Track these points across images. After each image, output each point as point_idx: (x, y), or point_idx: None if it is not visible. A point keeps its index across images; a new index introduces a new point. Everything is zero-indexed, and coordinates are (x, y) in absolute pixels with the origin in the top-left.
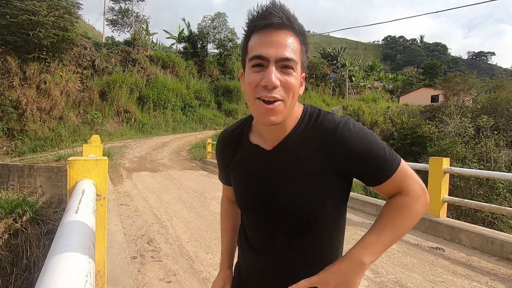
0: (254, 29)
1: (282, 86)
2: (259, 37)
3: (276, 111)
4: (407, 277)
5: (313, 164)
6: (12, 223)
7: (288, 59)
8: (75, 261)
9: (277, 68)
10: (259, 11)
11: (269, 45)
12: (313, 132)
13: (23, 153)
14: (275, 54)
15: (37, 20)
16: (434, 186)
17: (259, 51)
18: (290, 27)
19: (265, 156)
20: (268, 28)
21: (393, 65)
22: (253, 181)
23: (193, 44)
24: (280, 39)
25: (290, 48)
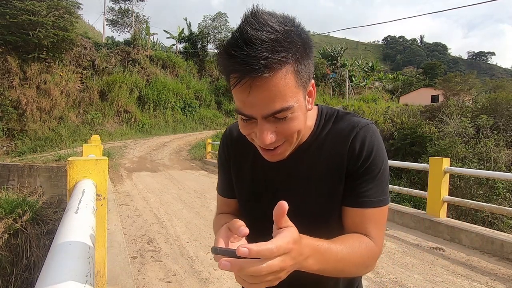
0: (228, 74)
1: (280, 133)
2: (238, 90)
3: (279, 154)
4: (407, 277)
5: (330, 168)
6: (12, 223)
7: (279, 110)
8: (75, 261)
9: (270, 121)
10: (226, 50)
11: (252, 105)
12: (329, 136)
13: (23, 153)
14: (262, 112)
15: (37, 20)
16: (434, 186)
17: (243, 110)
18: (272, 69)
19: (281, 164)
20: (246, 81)
21: (393, 65)
22: (267, 188)
23: (193, 44)
24: (262, 94)
25: (279, 95)
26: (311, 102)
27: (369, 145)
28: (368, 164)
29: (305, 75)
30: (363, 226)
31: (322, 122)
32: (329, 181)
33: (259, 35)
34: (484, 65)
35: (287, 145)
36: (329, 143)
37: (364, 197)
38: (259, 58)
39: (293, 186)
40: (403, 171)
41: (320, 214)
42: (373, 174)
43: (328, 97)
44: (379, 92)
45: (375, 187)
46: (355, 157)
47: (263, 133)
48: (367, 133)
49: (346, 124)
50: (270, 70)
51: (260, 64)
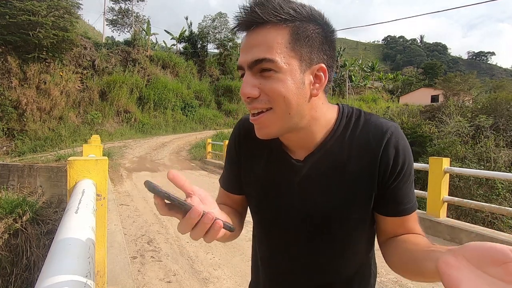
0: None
1: (263, 93)
2: (242, 42)
3: (261, 123)
4: None
5: (353, 175)
6: (12, 223)
7: (259, 59)
8: (75, 261)
9: (255, 74)
10: (236, 12)
11: (244, 51)
12: (353, 138)
13: (23, 153)
14: (247, 59)
15: (36, 20)
16: (434, 186)
17: (238, 60)
18: (269, 21)
19: (296, 167)
20: (246, 32)
21: (393, 65)
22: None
23: (193, 44)
24: (253, 40)
25: (265, 46)
26: (317, 88)
27: (403, 152)
28: (404, 172)
29: (307, 49)
30: (408, 229)
31: (344, 122)
32: (354, 188)
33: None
34: (484, 65)
35: (272, 115)
36: (355, 147)
37: (405, 204)
38: (262, 9)
39: (310, 190)
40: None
41: (331, 219)
42: (409, 180)
43: (328, 97)
44: (379, 92)
45: (410, 192)
46: (390, 167)
47: (244, 83)
48: (399, 139)
49: (374, 128)
50: (268, 19)
51: (263, 12)
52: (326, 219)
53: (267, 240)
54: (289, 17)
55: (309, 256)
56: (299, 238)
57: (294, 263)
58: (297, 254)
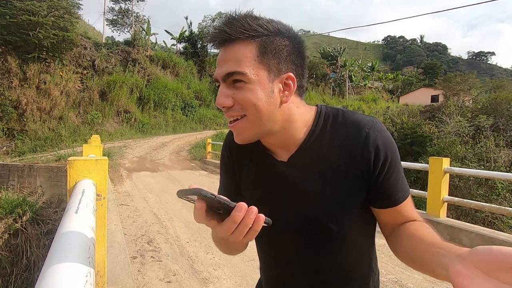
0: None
1: (236, 102)
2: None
3: (237, 129)
4: (407, 277)
5: (336, 171)
6: (12, 223)
7: (231, 73)
8: (75, 261)
9: (228, 85)
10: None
11: (218, 65)
12: (333, 135)
13: (23, 153)
14: (220, 73)
15: (37, 20)
16: (434, 186)
17: (215, 74)
18: (238, 38)
19: (282, 168)
20: (219, 46)
21: (393, 65)
22: (271, 194)
23: (193, 44)
24: (224, 55)
25: (236, 60)
26: (287, 95)
27: (383, 146)
28: (389, 164)
29: (275, 61)
30: (406, 216)
31: (321, 121)
32: (339, 184)
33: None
34: (484, 65)
35: (246, 122)
36: (335, 144)
37: (397, 194)
38: (231, 27)
39: (297, 190)
40: (403, 170)
41: (329, 217)
42: (396, 170)
43: (328, 97)
44: (379, 92)
45: (400, 181)
46: (373, 162)
47: (218, 94)
48: (377, 132)
49: (352, 124)
50: (232, 37)
51: (231, 30)
52: (319, 218)
53: (265, 245)
54: (255, 33)
55: (308, 256)
56: (296, 240)
57: (293, 264)
58: (296, 256)
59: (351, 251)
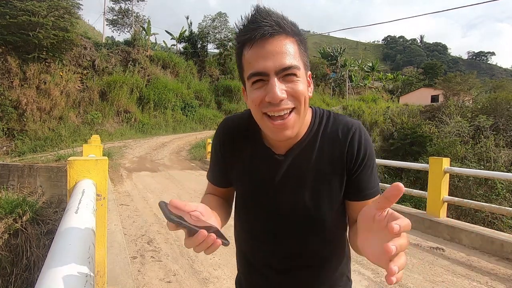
0: (245, 43)
1: (289, 95)
2: (252, 51)
3: (289, 124)
4: (407, 277)
5: (327, 166)
6: (12, 223)
7: (289, 67)
8: (75, 261)
9: (280, 79)
10: (246, 22)
11: (265, 57)
12: (325, 134)
13: (23, 153)
14: (273, 65)
15: (37, 20)
16: (434, 186)
17: (256, 68)
18: (282, 31)
19: (279, 161)
20: (260, 40)
21: (393, 65)
22: (267, 187)
23: (193, 44)
24: (275, 48)
25: (289, 54)
26: (310, 91)
27: (365, 144)
28: (366, 160)
29: (306, 61)
30: None
31: (317, 121)
32: (329, 178)
33: (269, 13)
34: (484, 65)
35: (295, 115)
36: (326, 142)
37: (368, 190)
38: (271, 24)
39: (292, 183)
40: (403, 170)
41: (318, 209)
42: (371, 167)
43: (328, 97)
44: (379, 92)
45: (373, 179)
46: (355, 157)
47: (274, 88)
48: (362, 133)
49: (342, 125)
50: (281, 33)
51: (273, 25)
52: (308, 209)
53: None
54: (293, 29)
55: (292, 242)
56: (284, 227)
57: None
58: (281, 242)
59: (329, 238)
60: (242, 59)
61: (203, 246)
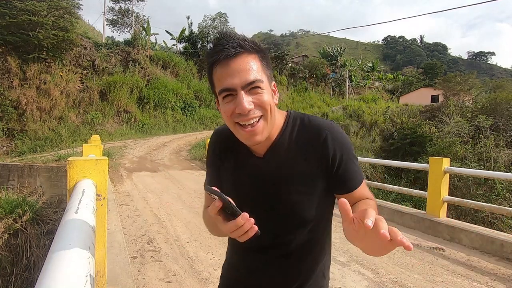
0: (213, 63)
1: (256, 105)
2: (220, 70)
3: (258, 130)
4: (407, 277)
5: (302, 165)
6: (12, 223)
7: (253, 81)
8: (75, 261)
9: (246, 92)
10: (212, 46)
11: (231, 75)
12: (299, 135)
13: (23, 153)
14: (239, 81)
15: (37, 20)
16: (434, 186)
17: (225, 84)
18: (244, 51)
19: (259, 162)
20: (224, 60)
21: (393, 65)
22: (249, 186)
23: (193, 44)
24: (239, 66)
25: (251, 70)
26: (276, 98)
27: (338, 144)
28: (344, 158)
29: (268, 71)
30: (359, 196)
31: (291, 123)
32: (304, 176)
33: (230, 34)
34: (484, 65)
35: (263, 122)
36: (300, 143)
37: (351, 181)
38: (233, 42)
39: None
40: (403, 170)
41: (295, 205)
42: (350, 162)
43: (328, 97)
44: (379, 92)
45: (355, 170)
46: (330, 157)
47: (242, 101)
48: (333, 134)
49: (314, 127)
50: (243, 52)
51: (236, 44)
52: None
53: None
54: (256, 47)
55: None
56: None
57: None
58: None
59: (307, 232)
60: (212, 77)
61: (242, 230)
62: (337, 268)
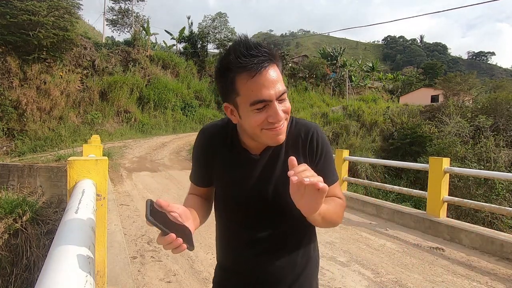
0: (243, 72)
1: (284, 112)
2: (254, 81)
3: (283, 131)
4: (407, 277)
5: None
6: (12, 223)
7: (283, 92)
8: (75, 261)
9: (279, 102)
10: (240, 53)
11: (267, 87)
12: (290, 136)
13: (23, 153)
14: (274, 93)
15: (37, 20)
16: (434, 186)
17: (260, 96)
18: (273, 60)
19: (255, 161)
20: (259, 71)
21: (393, 65)
22: (246, 183)
23: (193, 44)
24: (272, 77)
25: (280, 81)
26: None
27: (321, 142)
28: (325, 155)
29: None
30: (333, 194)
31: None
32: None
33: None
34: (484, 65)
35: (286, 123)
36: (292, 142)
37: (328, 178)
38: (264, 52)
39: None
40: (403, 170)
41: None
42: (330, 160)
43: (328, 97)
44: (379, 92)
45: (331, 169)
46: (315, 152)
47: (279, 111)
48: (318, 134)
49: (303, 126)
50: (273, 62)
51: (266, 54)
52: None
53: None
54: (276, 55)
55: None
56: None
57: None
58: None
59: (298, 225)
60: (236, 85)
61: (170, 247)
62: (337, 268)
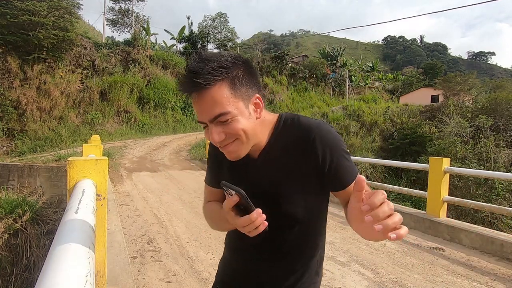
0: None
1: (227, 134)
2: (193, 102)
3: (233, 150)
4: (407, 277)
5: (295, 165)
6: (12, 223)
7: (219, 115)
8: (75, 261)
9: (216, 124)
10: (185, 73)
11: (200, 112)
12: (291, 134)
13: (23, 153)
14: (207, 117)
15: (37, 20)
16: (434, 186)
17: (198, 118)
18: (211, 80)
19: (254, 163)
20: (194, 94)
21: (393, 65)
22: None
23: (193, 44)
24: (205, 102)
25: (217, 103)
26: (259, 112)
27: (328, 142)
28: (334, 157)
29: (244, 90)
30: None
31: (281, 125)
32: (296, 174)
33: (197, 65)
34: (484, 65)
35: (238, 143)
36: (291, 144)
37: (345, 177)
38: (202, 76)
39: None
40: (403, 170)
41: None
42: (342, 158)
43: (328, 97)
44: (379, 92)
45: (347, 165)
46: (320, 157)
47: (212, 134)
48: (322, 134)
49: (303, 128)
50: (210, 83)
51: (202, 79)
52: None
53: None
54: (222, 75)
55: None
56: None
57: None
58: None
59: (303, 230)
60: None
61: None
62: (337, 268)
